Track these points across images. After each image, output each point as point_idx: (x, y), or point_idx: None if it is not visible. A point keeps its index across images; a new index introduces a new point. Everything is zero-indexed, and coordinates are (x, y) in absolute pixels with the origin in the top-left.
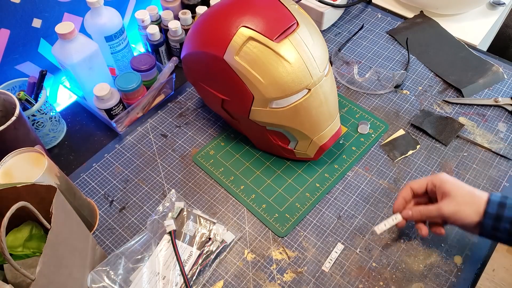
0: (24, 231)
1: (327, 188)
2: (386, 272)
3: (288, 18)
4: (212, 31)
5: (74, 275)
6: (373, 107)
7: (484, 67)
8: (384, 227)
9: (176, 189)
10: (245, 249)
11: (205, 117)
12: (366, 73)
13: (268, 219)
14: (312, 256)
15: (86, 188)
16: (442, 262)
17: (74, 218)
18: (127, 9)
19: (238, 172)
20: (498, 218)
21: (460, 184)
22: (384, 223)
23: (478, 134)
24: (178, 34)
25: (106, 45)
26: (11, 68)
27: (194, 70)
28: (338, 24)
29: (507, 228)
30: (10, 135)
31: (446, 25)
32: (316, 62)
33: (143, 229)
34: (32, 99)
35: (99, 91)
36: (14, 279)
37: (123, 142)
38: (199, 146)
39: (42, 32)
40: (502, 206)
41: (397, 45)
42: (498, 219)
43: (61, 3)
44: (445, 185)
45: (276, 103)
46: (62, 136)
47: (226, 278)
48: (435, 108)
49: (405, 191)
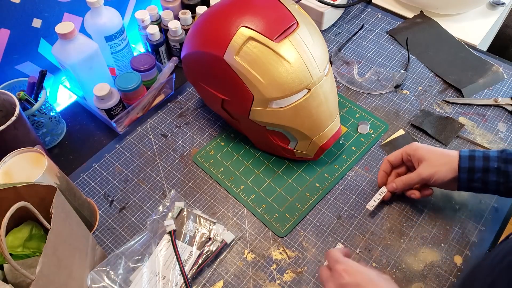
0: (24, 231)
1: (327, 188)
2: (386, 272)
3: (288, 18)
4: (212, 31)
5: (74, 275)
6: (373, 107)
7: (484, 67)
8: (374, 203)
9: (176, 189)
10: (245, 249)
11: (205, 117)
12: (366, 73)
13: (268, 219)
14: (312, 256)
15: (86, 188)
16: (442, 262)
17: (74, 218)
18: (127, 9)
19: (238, 172)
20: (471, 170)
21: (431, 149)
22: (373, 200)
23: (478, 134)
24: (178, 34)
25: (106, 45)
26: (11, 68)
27: (194, 70)
28: (338, 24)
29: (480, 177)
30: (10, 135)
31: (446, 25)
32: (316, 62)
33: (143, 229)
34: (32, 99)
35: (99, 91)
36: (14, 279)
37: (123, 142)
38: (199, 146)
39: (42, 32)
40: (472, 159)
41: (397, 45)
42: (471, 170)
43: (61, 3)
44: (418, 152)
45: (276, 103)
46: (62, 136)
47: (226, 278)
48: (435, 108)
49: (384, 164)
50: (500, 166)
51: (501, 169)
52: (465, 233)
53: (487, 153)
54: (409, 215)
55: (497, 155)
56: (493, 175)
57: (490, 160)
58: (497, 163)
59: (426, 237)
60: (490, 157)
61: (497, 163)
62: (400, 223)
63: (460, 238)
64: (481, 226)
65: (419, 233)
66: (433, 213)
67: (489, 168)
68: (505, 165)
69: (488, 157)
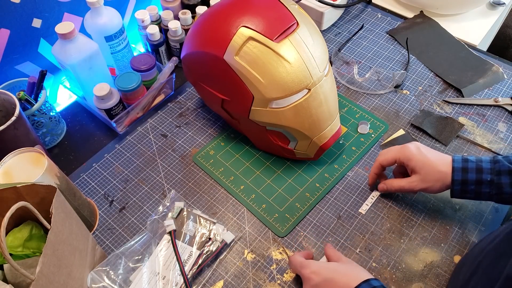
0: (24, 231)
1: (327, 188)
2: (386, 272)
3: (288, 18)
4: (212, 31)
5: (74, 275)
6: (373, 107)
7: (484, 67)
8: (367, 206)
9: (176, 189)
10: (245, 249)
11: (205, 117)
12: (366, 73)
13: (268, 219)
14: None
15: (86, 188)
16: (442, 262)
17: (74, 218)
18: (127, 9)
19: (238, 172)
20: (465, 182)
21: (424, 161)
22: (365, 203)
23: (478, 134)
24: (178, 34)
25: (106, 45)
26: (11, 68)
27: (194, 70)
28: (338, 24)
29: (473, 189)
30: (10, 135)
31: (446, 25)
32: (316, 62)
33: (143, 229)
34: (32, 99)
35: (99, 91)
36: (14, 279)
37: (123, 142)
38: (199, 146)
39: (42, 32)
40: (465, 171)
41: (397, 45)
42: (465, 183)
43: (61, 3)
44: (411, 163)
45: (276, 103)
46: (62, 136)
47: (226, 278)
48: (435, 108)
49: (376, 168)
50: (493, 178)
51: (494, 182)
52: (465, 233)
53: (480, 164)
54: (409, 215)
55: (490, 167)
56: (486, 186)
57: (483, 173)
58: (490, 176)
59: (426, 237)
60: (483, 169)
61: (490, 175)
62: (400, 223)
63: (460, 238)
64: (481, 226)
65: (419, 233)
66: (433, 213)
67: (482, 181)
68: (498, 177)
69: (481, 169)
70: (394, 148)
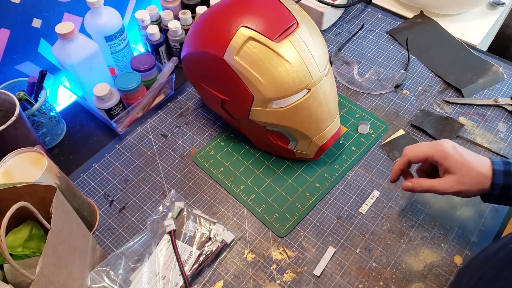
0: (24, 231)
1: (327, 188)
2: (386, 272)
3: (288, 18)
4: (212, 31)
5: (74, 275)
6: (373, 107)
7: (484, 67)
8: (366, 206)
9: (176, 189)
10: (245, 249)
11: (205, 117)
12: (366, 73)
13: (268, 219)
14: (312, 256)
15: (86, 188)
16: (442, 262)
17: (74, 218)
18: (127, 9)
19: (238, 172)
20: (506, 188)
21: (462, 161)
22: (366, 204)
23: (478, 134)
24: (178, 34)
25: (106, 45)
26: (11, 68)
27: (194, 70)
28: (338, 24)
29: None
30: (10, 135)
31: (446, 25)
32: (316, 62)
33: (143, 229)
34: (32, 99)
35: (99, 91)
36: (14, 279)
37: (123, 142)
38: (199, 146)
39: (42, 32)
40: (508, 175)
41: (397, 45)
42: (506, 188)
43: (61, 3)
44: (447, 162)
45: (276, 103)
46: (62, 136)
47: (226, 278)
48: (435, 108)
49: (403, 163)
50: None
51: None
52: (465, 233)
53: None
54: (409, 215)
55: None
56: None
57: None
58: None
59: (426, 237)
60: None
61: None
62: (400, 223)
63: (460, 238)
64: (481, 226)
65: (419, 233)
66: (433, 213)
67: None
68: None
69: None
70: (424, 144)
